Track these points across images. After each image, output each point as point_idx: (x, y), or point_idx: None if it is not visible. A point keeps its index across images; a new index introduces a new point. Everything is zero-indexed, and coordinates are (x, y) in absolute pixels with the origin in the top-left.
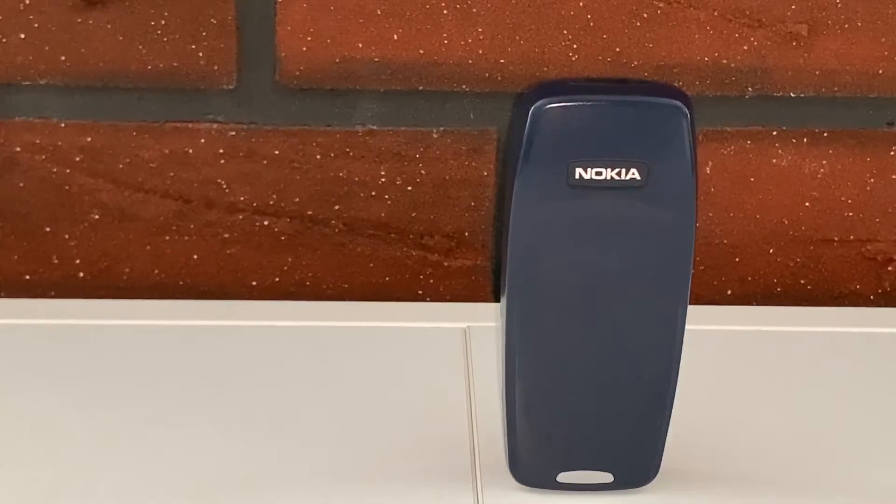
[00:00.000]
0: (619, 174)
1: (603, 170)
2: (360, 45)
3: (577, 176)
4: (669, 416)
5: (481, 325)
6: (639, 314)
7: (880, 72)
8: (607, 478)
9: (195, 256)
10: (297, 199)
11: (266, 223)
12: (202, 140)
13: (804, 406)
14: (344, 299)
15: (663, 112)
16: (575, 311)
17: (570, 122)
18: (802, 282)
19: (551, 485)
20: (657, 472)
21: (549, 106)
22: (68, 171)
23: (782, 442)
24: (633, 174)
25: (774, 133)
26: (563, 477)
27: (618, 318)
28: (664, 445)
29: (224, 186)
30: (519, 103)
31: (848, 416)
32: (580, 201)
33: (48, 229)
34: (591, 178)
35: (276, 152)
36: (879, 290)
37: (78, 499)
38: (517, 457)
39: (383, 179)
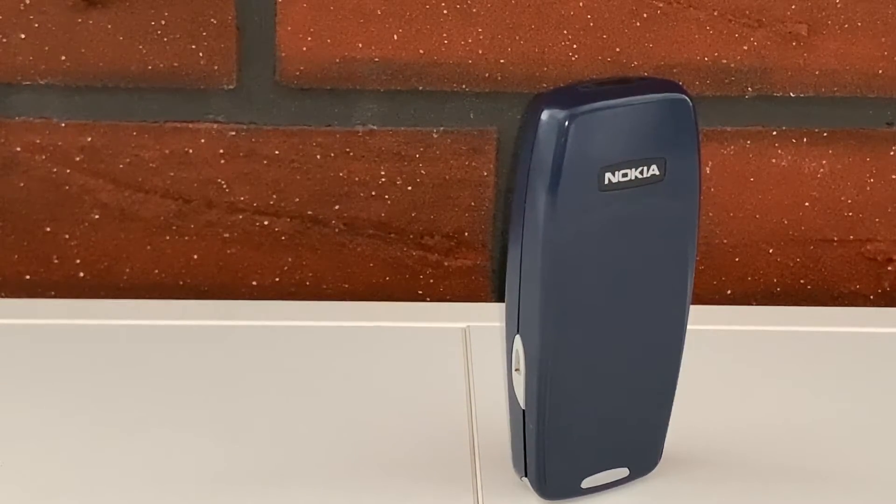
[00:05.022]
0: (641, 172)
1: (628, 171)
2: (360, 45)
3: (606, 181)
4: (673, 401)
5: (481, 325)
6: (655, 308)
7: (880, 72)
8: (624, 472)
9: (195, 256)
10: (297, 199)
11: (266, 223)
12: (202, 140)
13: (804, 406)
14: (344, 299)
15: (677, 107)
16: (604, 314)
17: (599, 129)
18: (802, 282)
19: (577, 492)
20: (661, 456)
21: (580, 116)
22: (68, 171)
23: (782, 441)
24: (654, 170)
25: (774, 133)
26: (587, 482)
27: (637, 315)
28: (667, 430)
29: (224, 186)
30: (533, 113)
31: (847, 415)
32: (610, 204)
33: (48, 229)
34: (619, 181)
35: (276, 152)
36: (879, 290)
37: (78, 499)
38: (546, 473)
39: (383, 179)
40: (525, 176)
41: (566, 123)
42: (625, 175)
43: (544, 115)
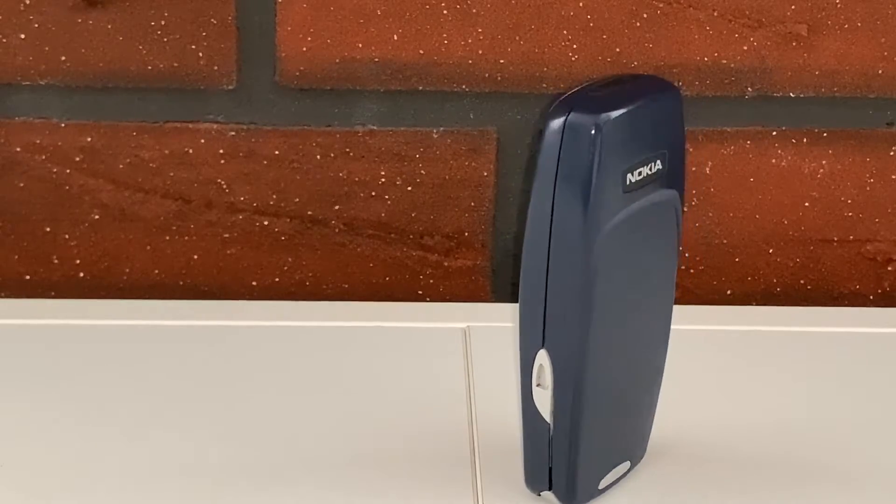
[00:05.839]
0: (650, 169)
1: (643, 169)
2: (360, 45)
3: (627, 182)
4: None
5: (481, 325)
6: (656, 300)
7: (880, 72)
8: (627, 466)
9: (195, 256)
10: (297, 199)
11: (266, 223)
12: (202, 140)
13: (804, 405)
14: (344, 299)
15: (675, 102)
16: (623, 315)
17: (622, 132)
18: (802, 282)
19: (595, 494)
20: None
21: (608, 122)
22: (68, 171)
23: (782, 441)
24: (659, 165)
25: (774, 133)
26: (602, 482)
27: (645, 310)
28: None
29: (224, 186)
30: (555, 122)
31: (847, 415)
32: (629, 204)
33: (48, 229)
34: (636, 181)
35: (276, 152)
36: (879, 290)
37: (78, 499)
38: (575, 482)
39: (383, 179)
40: (550, 185)
41: (596, 131)
42: (640, 174)
43: (572, 124)
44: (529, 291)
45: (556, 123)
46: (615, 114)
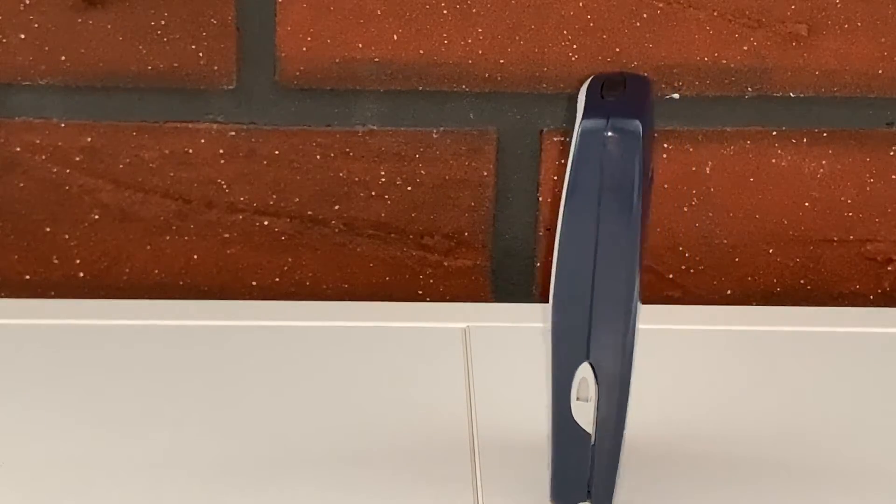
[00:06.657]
0: (652, 162)
1: (652, 164)
2: (360, 45)
3: (649, 175)
4: None
5: (481, 325)
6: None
7: (880, 72)
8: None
9: (195, 256)
10: (297, 199)
11: (266, 223)
12: (202, 140)
13: (804, 406)
14: (344, 299)
15: (651, 96)
16: (638, 312)
17: (648, 133)
18: (802, 282)
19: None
20: None
21: (644, 128)
22: (68, 171)
23: (781, 441)
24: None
25: (774, 133)
26: (617, 480)
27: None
28: None
29: (224, 186)
30: (591, 131)
31: (847, 415)
32: (649, 199)
33: (48, 229)
34: (651, 176)
35: (276, 152)
36: (879, 290)
37: (78, 499)
38: (614, 488)
39: (383, 179)
40: (594, 192)
41: (636, 135)
42: (650, 169)
43: (615, 130)
44: (568, 305)
45: (596, 130)
46: (645, 115)
